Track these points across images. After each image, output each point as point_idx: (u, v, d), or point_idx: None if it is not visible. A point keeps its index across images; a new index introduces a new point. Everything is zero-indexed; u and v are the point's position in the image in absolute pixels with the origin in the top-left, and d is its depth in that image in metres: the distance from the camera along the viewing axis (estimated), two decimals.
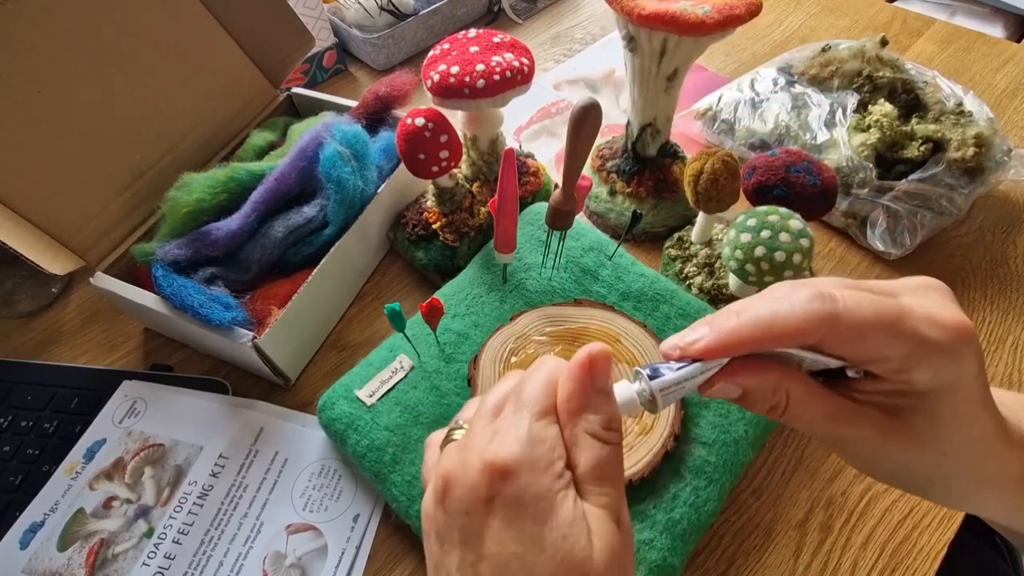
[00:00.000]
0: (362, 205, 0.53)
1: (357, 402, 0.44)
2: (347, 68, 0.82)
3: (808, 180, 0.46)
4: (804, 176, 0.46)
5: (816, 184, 0.46)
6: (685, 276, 0.53)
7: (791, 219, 0.41)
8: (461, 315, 0.48)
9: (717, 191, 0.47)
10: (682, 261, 0.54)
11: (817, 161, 0.48)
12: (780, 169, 0.47)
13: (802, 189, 0.46)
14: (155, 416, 0.49)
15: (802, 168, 0.46)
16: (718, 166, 0.46)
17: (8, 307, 0.58)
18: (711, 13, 0.44)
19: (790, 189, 0.46)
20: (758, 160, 0.48)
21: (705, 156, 0.47)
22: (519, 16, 0.89)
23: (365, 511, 0.45)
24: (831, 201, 0.47)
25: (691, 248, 0.54)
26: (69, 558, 0.43)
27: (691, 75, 0.61)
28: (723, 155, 0.47)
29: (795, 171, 0.46)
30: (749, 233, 0.42)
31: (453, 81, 0.46)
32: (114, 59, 0.51)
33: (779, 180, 0.46)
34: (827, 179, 0.47)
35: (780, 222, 0.41)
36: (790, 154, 0.48)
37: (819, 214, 0.47)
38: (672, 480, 0.40)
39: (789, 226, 0.41)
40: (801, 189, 0.46)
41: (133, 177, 0.53)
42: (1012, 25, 1.12)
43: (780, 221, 0.41)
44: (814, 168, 0.47)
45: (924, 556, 0.42)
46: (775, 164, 0.47)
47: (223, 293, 0.48)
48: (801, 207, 0.45)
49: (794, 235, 0.41)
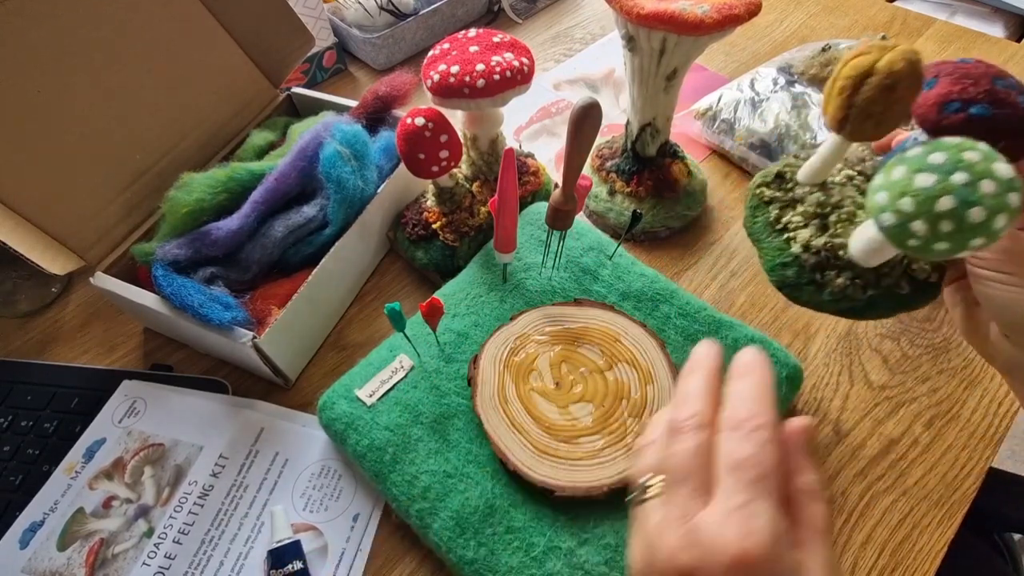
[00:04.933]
0: (362, 205, 0.53)
1: (357, 402, 0.44)
2: (347, 68, 0.82)
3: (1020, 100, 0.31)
4: (1015, 93, 0.31)
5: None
6: (783, 227, 0.38)
7: (996, 160, 0.28)
8: (461, 315, 0.48)
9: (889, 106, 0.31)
10: (781, 206, 0.39)
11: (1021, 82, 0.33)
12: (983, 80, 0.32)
13: (1013, 110, 0.31)
14: (155, 416, 0.49)
15: (1011, 83, 0.32)
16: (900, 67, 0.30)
17: (8, 307, 0.58)
18: (710, 13, 0.44)
19: (998, 109, 0.31)
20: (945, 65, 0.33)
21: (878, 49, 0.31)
22: (519, 16, 0.89)
23: (365, 511, 0.45)
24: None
25: (797, 189, 0.39)
26: (69, 558, 0.43)
27: (691, 75, 0.61)
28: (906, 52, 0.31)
29: (1003, 84, 0.32)
30: (932, 175, 0.28)
31: (453, 81, 0.46)
32: (114, 59, 0.51)
33: (982, 93, 0.31)
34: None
35: (982, 163, 0.28)
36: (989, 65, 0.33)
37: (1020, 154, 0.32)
38: None
39: (995, 170, 0.28)
40: (1012, 110, 0.31)
41: (133, 177, 0.53)
42: (1012, 25, 1.12)
43: (982, 162, 0.28)
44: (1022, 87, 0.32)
45: (924, 556, 0.42)
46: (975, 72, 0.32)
47: (223, 293, 0.48)
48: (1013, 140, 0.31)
49: (1002, 185, 0.28)
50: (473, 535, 0.39)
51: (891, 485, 0.45)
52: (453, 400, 0.44)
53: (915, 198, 0.29)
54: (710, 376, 0.29)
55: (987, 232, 0.28)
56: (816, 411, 0.49)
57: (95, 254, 0.51)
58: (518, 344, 0.46)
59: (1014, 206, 0.28)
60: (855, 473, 0.46)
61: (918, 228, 0.29)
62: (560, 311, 0.47)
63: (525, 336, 0.46)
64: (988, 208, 0.28)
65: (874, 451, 0.46)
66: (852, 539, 0.43)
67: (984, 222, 0.28)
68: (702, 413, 0.27)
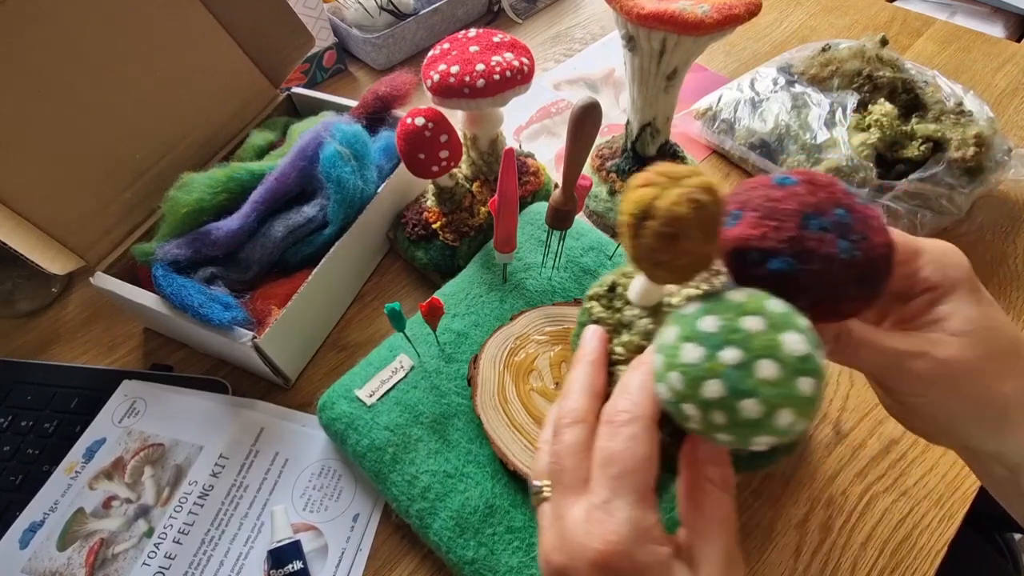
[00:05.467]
0: (362, 205, 0.53)
1: (357, 402, 0.44)
2: (347, 68, 0.82)
3: (839, 247, 0.24)
4: (832, 238, 0.24)
5: (853, 256, 0.24)
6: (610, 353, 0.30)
7: (788, 331, 0.21)
8: (461, 315, 0.48)
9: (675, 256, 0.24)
10: (609, 330, 0.31)
11: (862, 209, 0.25)
12: (791, 219, 0.24)
13: (824, 264, 0.24)
14: (155, 416, 0.49)
15: (832, 221, 0.24)
16: (682, 212, 0.23)
17: (8, 307, 0.58)
18: (710, 13, 0.44)
19: (802, 263, 0.24)
20: (755, 193, 0.26)
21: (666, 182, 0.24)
22: (519, 16, 0.89)
23: (365, 511, 0.45)
24: (872, 290, 0.25)
25: (627, 311, 0.31)
26: (69, 558, 0.43)
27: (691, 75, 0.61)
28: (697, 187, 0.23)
29: (818, 227, 0.24)
30: (700, 347, 0.22)
31: (453, 81, 0.46)
32: (114, 59, 0.51)
33: (784, 242, 0.24)
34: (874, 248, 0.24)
35: (765, 336, 0.21)
36: (816, 188, 0.25)
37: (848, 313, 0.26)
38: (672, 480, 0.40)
39: (780, 347, 0.21)
40: (823, 264, 0.24)
41: (133, 177, 0.53)
42: (1012, 25, 1.12)
43: (765, 334, 0.21)
44: (854, 223, 0.24)
45: (924, 556, 0.42)
46: (783, 208, 0.25)
47: (223, 293, 0.48)
48: (818, 300, 0.24)
49: (788, 367, 0.21)
50: (473, 535, 0.39)
51: (891, 485, 0.45)
52: (453, 400, 0.44)
53: (683, 375, 0.22)
54: (590, 367, 0.28)
55: (771, 431, 0.21)
56: None
57: (95, 254, 0.51)
58: (518, 344, 0.46)
59: (806, 395, 0.21)
60: (855, 473, 0.45)
61: (691, 413, 0.22)
62: (560, 311, 0.47)
63: (525, 336, 0.46)
64: (765, 401, 0.21)
65: (874, 451, 0.46)
66: (852, 539, 0.43)
67: (762, 420, 0.21)
68: (578, 408, 0.27)
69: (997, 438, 0.28)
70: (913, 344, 0.27)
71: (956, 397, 0.27)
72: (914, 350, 0.27)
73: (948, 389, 0.27)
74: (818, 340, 0.22)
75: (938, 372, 0.27)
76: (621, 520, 0.23)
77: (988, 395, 0.27)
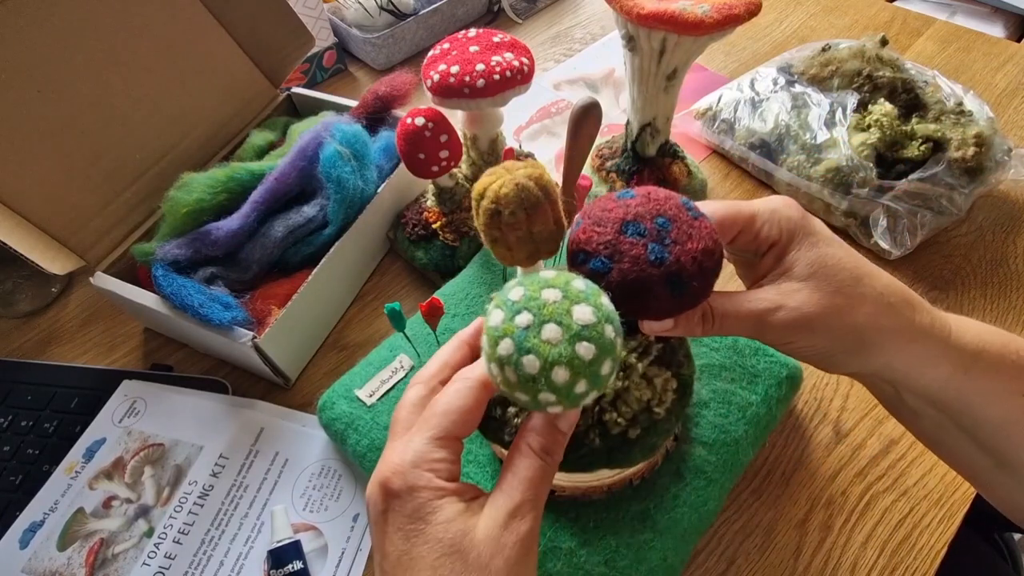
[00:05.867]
0: (362, 205, 0.53)
1: (357, 402, 0.44)
2: (347, 68, 0.82)
3: (649, 251, 0.27)
4: (643, 244, 0.27)
5: (661, 261, 0.27)
6: None
7: (581, 303, 0.24)
8: (461, 315, 0.48)
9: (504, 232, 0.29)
10: None
11: (688, 220, 0.29)
12: (612, 225, 0.28)
13: (633, 264, 0.27)
14: (155, 416, 0.49)
15: (649, 229, 0.28)
16: (505, 192, 0.28)
17: (8, 307, 0.58)
18: (710, 13, 0.44)
19: (614, 262, 0.28)
20: (596, 204, 0.30)
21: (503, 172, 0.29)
22: (519, 16, 0.89)
23: (365, 511, 0.45)
24: (682, 289, 0.28)
25: None
26: (69, 558, 0.43)
27: (691, 75, 0.61)
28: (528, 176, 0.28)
29: (634, 233, 0.28)
30: (503, 312, 0.25)
31: (453, 81, 0.46)
32: (114, 59, 0.51)
33: (603, 245, 0.28)
34: (685, 254, 0.27)
35: (558, 304, 0.24)
36: (649, 201, 0.29)
37: (657, 312, 0.29)
38: (672, 480, 0.40)
39: (568, 314, 0.24)
40: (631, 264, 0.27)
41: (133, 177, 0.53)
42: (1012, 25, 1.12)
43: (559, 303, 0.24)
44: (671, 233, 0.28)
45: (924, 556, 0.42)
46: (608, 217, 0.29)
47: (223, 293, 0.48)
48: (631, 295, 0.27)
49: (570, 333, 0.23)
50: None
51: (891, 485, 0.45)
52: None
53: (487, 337, 0.25)
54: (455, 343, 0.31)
55: (552, 389, 0.23)
56: (816, 411, 0.49)
57: (95, 254, 0.51)
58: None
59: (582, 358, 0.23)
60: (855, 473, 0.45)
61: (494, 372, 0.25)
62: None
63: None
64: (543, 359, 0.23)
65: (874, 451, 0.46)
66: (852, 539, 0.43)
67: (539, 375, 0.23)
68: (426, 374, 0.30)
69: (865, 361, 0.31)
70: (770, 300, 0.30)
71: (819, 334, 0.30)
72: (771, 306, 0.30)
73: (810, 330, 0.30)
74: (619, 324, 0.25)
75: (796, 319, 0.29)
76: (408, 449, 0.26)
77: (843, 325, 0.30)
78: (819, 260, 0.31)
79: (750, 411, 0.42)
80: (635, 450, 0.32)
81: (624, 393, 0.32)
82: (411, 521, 0.25)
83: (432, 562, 0.24)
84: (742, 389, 0.43)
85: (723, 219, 0.31)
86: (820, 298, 0.30)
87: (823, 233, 0.32)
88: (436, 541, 0.25)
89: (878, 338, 0.30)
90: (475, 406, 0.27)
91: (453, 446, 0.27)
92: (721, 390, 0.43)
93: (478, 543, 0.25)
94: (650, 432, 0.32)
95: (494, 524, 0.25)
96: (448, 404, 0.27)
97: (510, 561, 0.24)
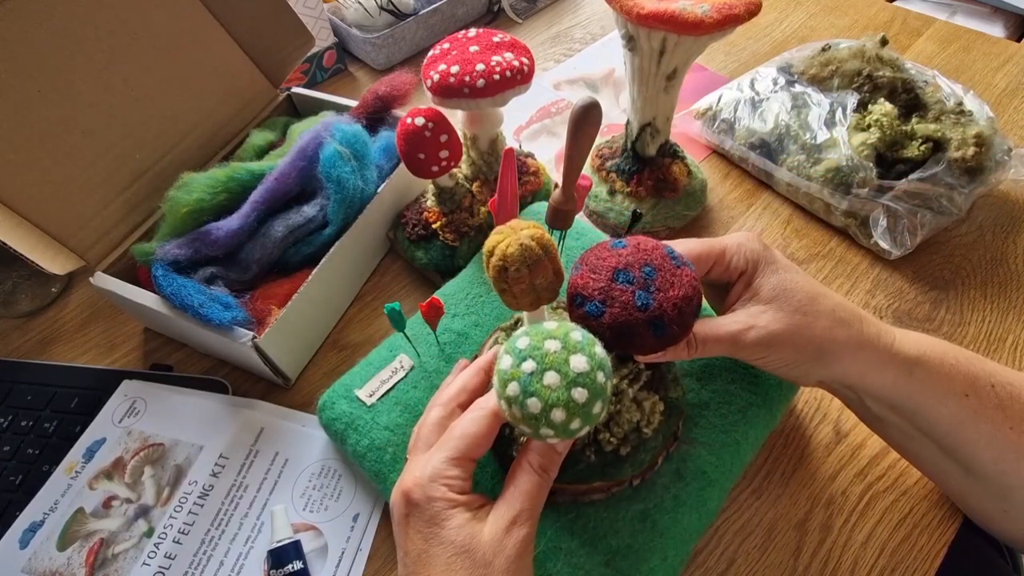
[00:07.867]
0: (362, 205, 0.53)
1: (357, 402, 0.44)
2: (347, 68, 0.82)
3: (636, 298, 0.32)
4: (631, 291, 0.32)
5: (646, 306, 0.32)
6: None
7: (577, 354, 0.28)
8: (461, 315, 0.48)
9: (510, 285, 0.32)
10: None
11: (671, 269, 0.33)
12: (606, 273, 0.33)
13: (622, 309, 0.32)
14: (155, 416, 0.49)
15: (637, 278, 0.32)
16: (511, 251, 0.31)
17: (8, 307, 0.58)
18: (710, 12, 0.44)
19: (607, 307, 0.32)
20: (592, 252, 0.35)
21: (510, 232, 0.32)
22: (519, 16, 0.89)
23: (365, 511, 0.45)
24: (665, 332, 0.32)
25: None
26: (69, 558, 0.43)
27: (691, 75, 0.61)
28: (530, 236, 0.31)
29: (624, 280, 0.32)
30: (511, 358, 0.29)
31: (453, 81, 0.46)
32: (114, 59, 0.51)
33: (597, 291, 0.33)
34: (667, 301, 0.32)
35: (558, 354, 0.28)
36: (638, 251, 0.33)
37: (642, 349, 0.33)
38: (672, 481, 0.40)
39: (566, 364, 0.28)
40: (621, 309, 0.32)
41: (133, 177, 0.53)
42: (1012, 25, 1.12)
43: (559, 353, 0.28)
44: (656, 281, 0.32)
45: (924, 556, 0.42)
46: (603, 264, 0.33)
47: (223, 293, 0.48)
48: (620, 335, 0.32)
49: (567, 380, 0.28)
50: None
51: (891, 485, 0.45)
52: None
53: (498, 379, 0.29)
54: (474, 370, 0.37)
55: (550, 425, 0.28)
56: (816, 411, 0.49)
57: (95, 254, 0.51)
58: None
59: (576, 401, 0.27)
60: (855, 473, 0.45)
61: (504, 407, 0.30)
62: (560, 311, 0.47)
63: None
64: (544, 401, 0.27)
65: (874, 451, 0.46)
66: (852, 539, 0.43)
67: (541, 415, 0.28)
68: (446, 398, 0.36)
69: (825, 370, 0.36)
70: (742, 322, 0.35)
71: (786, 348, 0.35)
72: (743, 327, 0.35)
73: (778, 345, 0.34)
74: (609, 369, 0.29)
75: (764, 336, 0.34)
76: (428, 466, 0.32)
77: (804, 339, 0.34)
78: (780, 284, 0.35)
79: (750, 412, 0.42)
80: (626, 465, 0.37)
81: (616, 416, 0.36)
82: (428, 525, 0.30)
83: (445, 560, 0.29)
84: (743, 390, 0.43)
85: (699, 255, 0.37)
86: (783, 317, 0.34)
87: (782, 261, 0.37)
88: (449, 543, 0.30)
89: (833, 348, 0.35)
90: (488, 432, 0.32)
91: (466, 465, 0.32)
92: (722, 391, 0.43)
93: (483, 544, 0.29)
94: (639, 449, 0.37)
95: (497, 529, 0.30)
96: (464, 429, 0.32)
97: (510, 559, 0.29)
